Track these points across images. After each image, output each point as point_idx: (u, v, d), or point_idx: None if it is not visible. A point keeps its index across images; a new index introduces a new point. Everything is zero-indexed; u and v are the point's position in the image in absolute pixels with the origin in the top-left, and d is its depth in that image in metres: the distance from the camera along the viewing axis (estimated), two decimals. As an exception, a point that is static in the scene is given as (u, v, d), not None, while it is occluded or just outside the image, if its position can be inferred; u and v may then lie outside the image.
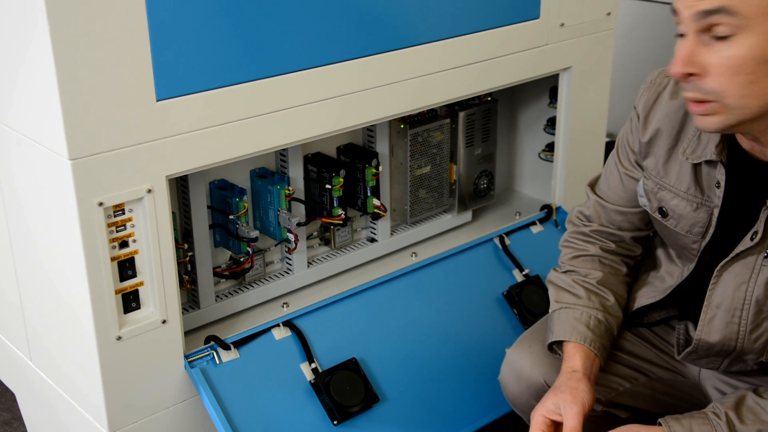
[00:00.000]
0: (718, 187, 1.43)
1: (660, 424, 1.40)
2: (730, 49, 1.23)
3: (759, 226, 1.39)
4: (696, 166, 1.47)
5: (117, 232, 1.51)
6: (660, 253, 1.65)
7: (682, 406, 1.66)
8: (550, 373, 1.60)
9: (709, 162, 1.45)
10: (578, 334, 1.54)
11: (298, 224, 1.85)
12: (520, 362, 1.65)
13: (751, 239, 1.40)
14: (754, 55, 1.22)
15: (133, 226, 1.53)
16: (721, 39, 1.24)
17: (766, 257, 1.40)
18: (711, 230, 1.47)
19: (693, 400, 1.66)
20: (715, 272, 1.46)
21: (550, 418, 1.44)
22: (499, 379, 1.70)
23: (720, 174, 1.43)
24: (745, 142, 1.41)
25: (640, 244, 1.67)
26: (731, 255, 1.43)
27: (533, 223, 2.21)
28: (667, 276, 1.60)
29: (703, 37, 1.26)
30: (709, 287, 1.47)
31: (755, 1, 1.20)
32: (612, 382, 1.65)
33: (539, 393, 1.61)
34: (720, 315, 1.47)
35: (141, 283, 1.57)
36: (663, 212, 1.52)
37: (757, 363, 1.51)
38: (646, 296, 1.62)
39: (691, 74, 1.28)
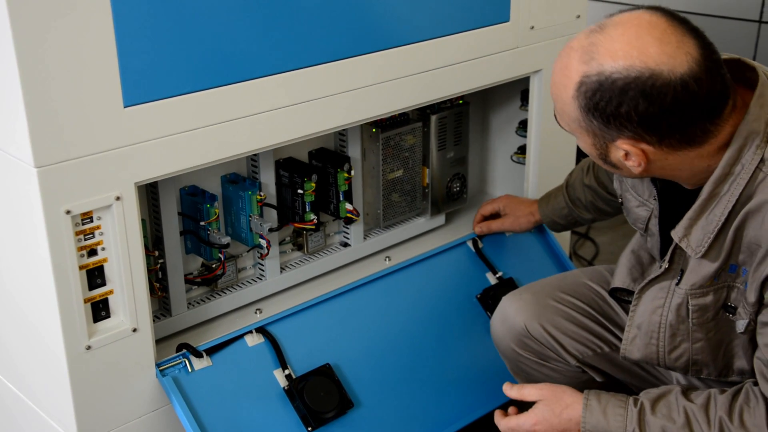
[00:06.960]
0: (656, 199, 1.53)
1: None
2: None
3: (666, 258, 1.45)
4: None
5: (85, 240, 1.49)
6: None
7: (655, 383, 1.71)
8: (531, 319, 1.72)
9: None
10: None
11: (270, 230, 1.84)
12: (508, 307, 1.78)
13: (659, 267, 1.47)
14: (589, 152, 1.40)
15: (101, 233, 1.51)
16: None
17: (677, 284, 1.44)
18: (655, 237, 1.55)
19: (666, 379, 1.69)
20: (635, 293, 1.52)
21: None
22: (490, 323, 1.83)
23: (652, 187, 1.52)
24: None
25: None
26: (646, 279, 1.49)
27: (506, 226, 2.21)
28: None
29: None
30: (631, 307, 1.53)
31: (567, 122, 1.37)
32: (590, 342, 1.72)
33: (519, 337, 1.74)
34: (640, 336, 1.51)
35: (110, 292, 1.55)
36: (622, 202, 1.65)
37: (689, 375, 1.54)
38: (629, 279, 1.66)
39: None
